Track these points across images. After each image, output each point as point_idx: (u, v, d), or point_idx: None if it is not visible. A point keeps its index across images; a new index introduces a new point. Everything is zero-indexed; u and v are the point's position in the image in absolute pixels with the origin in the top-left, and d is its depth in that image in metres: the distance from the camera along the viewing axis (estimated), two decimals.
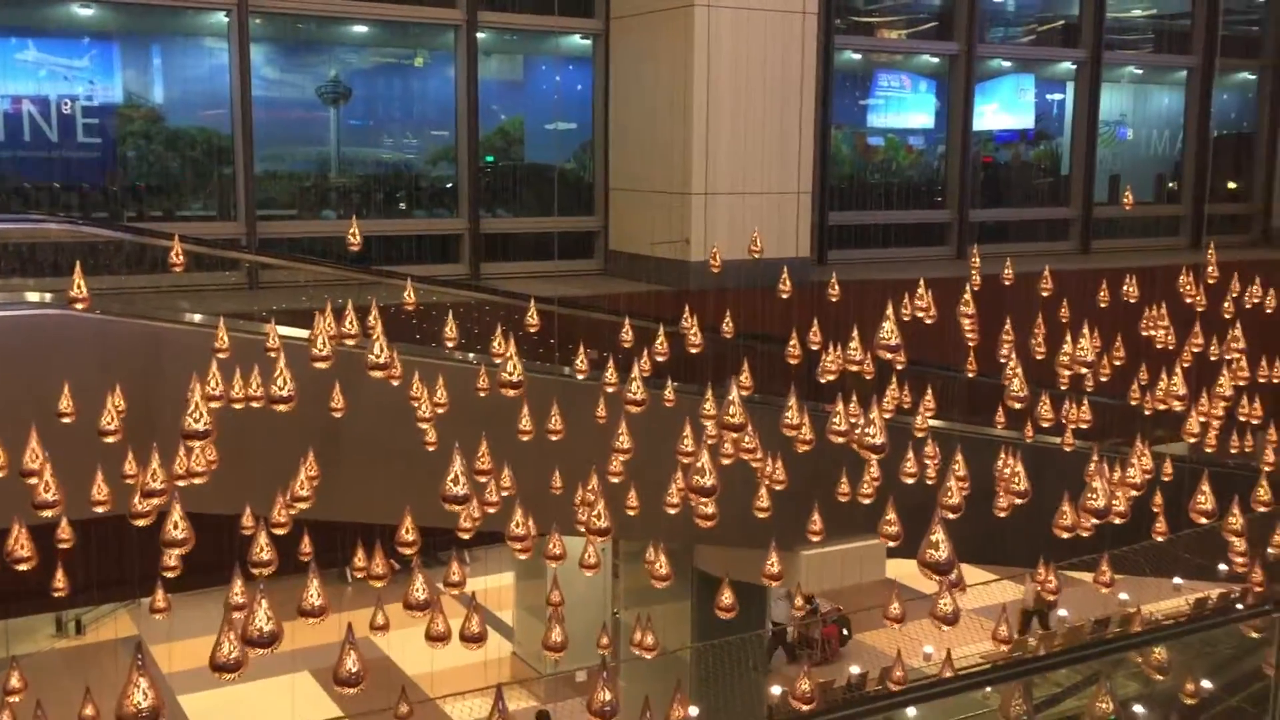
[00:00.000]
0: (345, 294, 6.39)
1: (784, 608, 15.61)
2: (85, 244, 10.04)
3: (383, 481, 8.35)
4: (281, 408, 4.25)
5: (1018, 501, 5.00)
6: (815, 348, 7.34)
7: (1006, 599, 11.98)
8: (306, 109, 13.84)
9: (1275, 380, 7.90)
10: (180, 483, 4.82)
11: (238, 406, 5.36)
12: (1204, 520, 4.48)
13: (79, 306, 5.45)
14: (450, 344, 6.61)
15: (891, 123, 17.72)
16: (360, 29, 14.01)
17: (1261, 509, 6.16)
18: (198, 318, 9.06)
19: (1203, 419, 6.49)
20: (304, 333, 4.93)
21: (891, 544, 5.20)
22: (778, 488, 6.58)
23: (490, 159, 14.57)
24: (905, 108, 17.78)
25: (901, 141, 17.82)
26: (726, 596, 6.27)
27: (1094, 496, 3.91)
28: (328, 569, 6.56)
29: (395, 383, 5.77)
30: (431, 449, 6.38)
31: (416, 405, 5.96)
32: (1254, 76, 19.78)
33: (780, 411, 7.00)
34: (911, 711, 7.66)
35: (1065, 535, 4.96)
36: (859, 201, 16.74)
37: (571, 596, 12.14)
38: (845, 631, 16.66)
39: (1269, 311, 7.93)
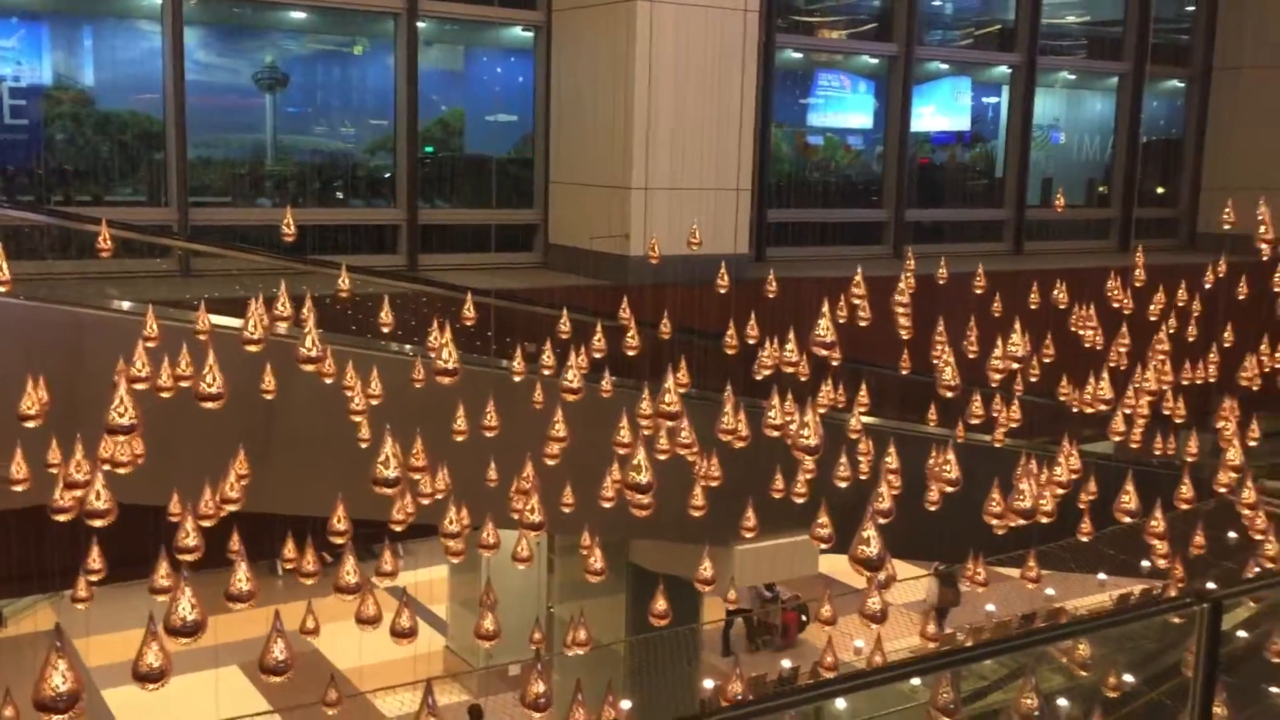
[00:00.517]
0: (280, 283, 6.29)
1: (749, 594, 15.92)
2: (9, 227, 9.80)
3: (315, 473, 8.26)
4: (210, 405, 4.16)
5: (948, 490, 5.07)
6: (752, 343, 7.38)
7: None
8: (242, 95, 13.61)
9: (1199, 381, 8.10)
10: (105, 467, 4.72)
11: (166, 396, 5.25)
12: (1128, 519, 4.58)
13: (1, 290, 5.31)
14: (386, 329, 6.52)
15: (831, 122, 17.87)
16: (298, 15, 13.81)
17: (1184, 505, 6.31)
18: (126, 305, 8.88)
19: (1128, 411, 6.64)
20: (236, 321, 4.84)
21: (823, 546, 5.25)
22: (713, 484, 6.60)
23: (430, 150, 14.45)
24: (844, 107, 17.93)
25: (840, 141, 17.98)
26: (660, 603, 6.28)
27: (1021, 498, 3.98)
28: (258, 561, 6.47)
29: (328, 379, 5.69)
30: (364, 445, 6.32)
31: (350, 397, 5.89)
32: (1182, 84, 20.23)
33: (717, 408, 7.04)
34: (841, 704, 7.75)
35: (994, 522, 5.04)
36: (798, 199, 16.86)
37: (506, 590, 12.11)
38: (804, 618, 16.88)
39: (1195, 314, 8.12)
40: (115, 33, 13.03)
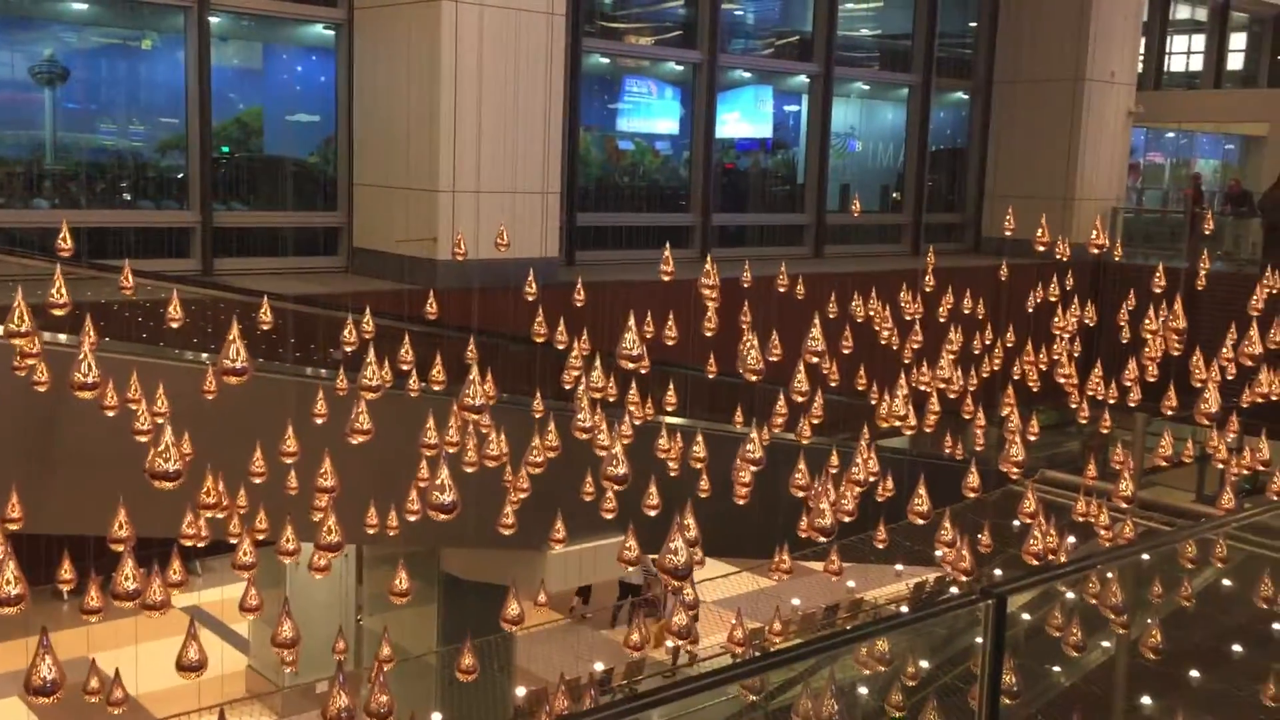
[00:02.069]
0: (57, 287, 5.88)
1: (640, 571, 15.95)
2: None
3: (100, 489, 7.80)
4: None
5: (754, 469, 5.18)
6: (561, 348, 7.37)
7: (744, 590, 12.44)
8: (17, 89, 12.77)
9: (985, 375, 8.55)
10: None
11: None
12: (920, 521, 4.79)
13: None
14: (175, 323, 6.14)
15: (639, 127, 18.08)
16: (80, 6, 13.06)
17: (971, 494, 6.65)
18: None
19: (924, 386, 6.94)
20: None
21: (631, 569, 5.32)
22: (522, 496, 6.56)
23: (226, 150, 13.89)
24: (652, 113, 18.18)
25: (649, 146, 18.20)
26: (467, 658, 6.19)
27: (822, 518, 4.13)
28: (40, 586, 6.05)
29: (109, 412, 5.35)
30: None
31: (136, 412, 5.55)
32: (967, 96, 21.34)
33: (526, 414, 7.00)
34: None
35: (800, 494, 5.18)
36: (607, 203, 16.99)
37: (313, 603, 11.74)
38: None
39: (980, 315, 8.55)
40: None
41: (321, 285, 12.44)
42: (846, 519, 5.20)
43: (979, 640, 3.62)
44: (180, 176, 13.24)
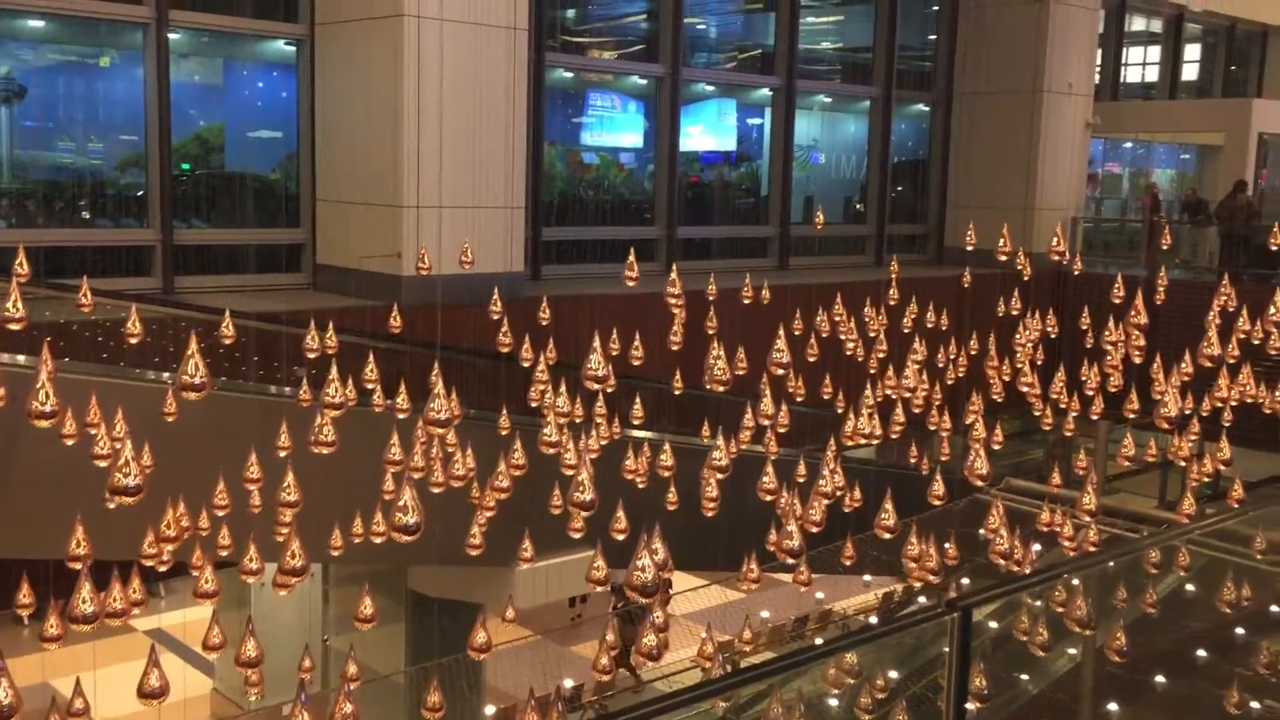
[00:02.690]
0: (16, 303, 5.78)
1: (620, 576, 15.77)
2: None
3: (58, 512, 7.69)
4: None
5: (719, 477, 5.18)
6: (526, 364, 7.35)
7: (713, 602, 12.44)
8: None
9: (950, 381, 8.59)
10: None
11: None
12: (887, 535, 4.81)
13: None
14: (134, 339, 6.04)
15: (603, 141, 18.09)
16: (36, 23, 12.92)
17: (937, 502, 6.68)
18: None
19: (891, 391, 6.98)
20: None
21: (600, 588, 5.34)
22: (488, 515, 6.53)
23: (186, 167, 13.77)
24: (616, 127, 18.20)
25: (613, 159, 18.22)
26: (434, 695, 6.15)
27: (790, 538, 4.14)
28: None
29: (68, 441, 5.27)
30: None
31: (95, 436, 5.46)
32: (927, 108, 21.52)
33: (493, 429, 6.97)
34: None
35: (768, 499, 5.18)
36: (572, 217, 16.99)
37: (280, 624, 11.61)
38: (670, 592, 16.91)
39: (944, 325, 8.60)
40: None
41: (285, 302, 12.34)
42: (814, 529, 5.21)
43: (946, 650, 3.63)
44: (140, 194, 13.12)
